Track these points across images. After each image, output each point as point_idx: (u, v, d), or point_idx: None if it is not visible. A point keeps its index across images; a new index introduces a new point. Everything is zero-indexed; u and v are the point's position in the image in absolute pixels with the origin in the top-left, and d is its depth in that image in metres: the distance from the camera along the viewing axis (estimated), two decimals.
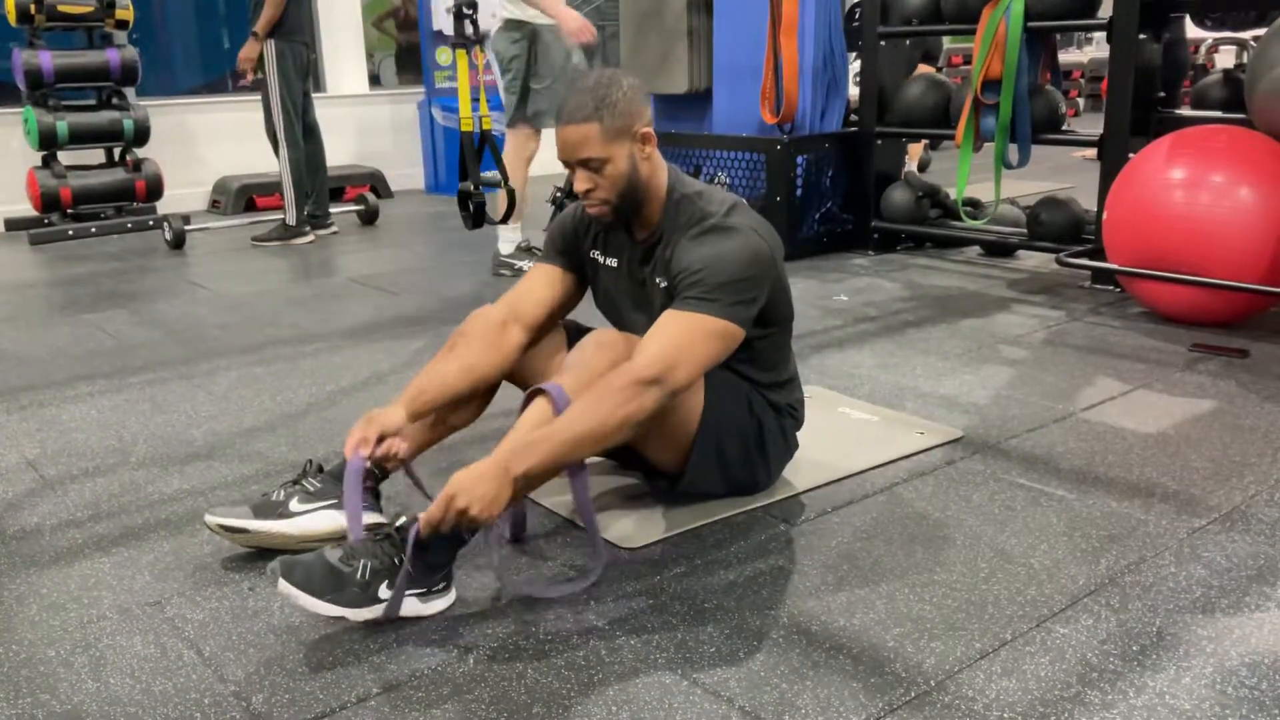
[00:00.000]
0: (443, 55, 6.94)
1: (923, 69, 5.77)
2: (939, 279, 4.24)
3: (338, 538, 1.90)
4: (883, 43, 4.69)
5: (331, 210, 5.73)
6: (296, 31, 5.16)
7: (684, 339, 1.84)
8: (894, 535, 2.01)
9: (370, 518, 1.92)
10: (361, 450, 1.89)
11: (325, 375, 3.12)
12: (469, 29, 3.61)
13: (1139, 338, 3.33)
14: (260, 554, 1.97)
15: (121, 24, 5.85)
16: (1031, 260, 4.54)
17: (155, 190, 5.98)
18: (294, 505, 1.96)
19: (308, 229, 5.45)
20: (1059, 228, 4.17)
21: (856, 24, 4.90)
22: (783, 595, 1.80)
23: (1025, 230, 4.38)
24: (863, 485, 2.25)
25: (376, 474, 2.01)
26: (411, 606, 1.73)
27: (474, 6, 3.59)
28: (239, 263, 4.99)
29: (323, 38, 7.33)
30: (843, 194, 4.83)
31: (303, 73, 5.27)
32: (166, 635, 1.72)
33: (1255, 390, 2.81)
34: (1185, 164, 3.34)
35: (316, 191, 5.56)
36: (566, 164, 1.95)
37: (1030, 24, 3.98)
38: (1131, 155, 3.64)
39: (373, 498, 1.99)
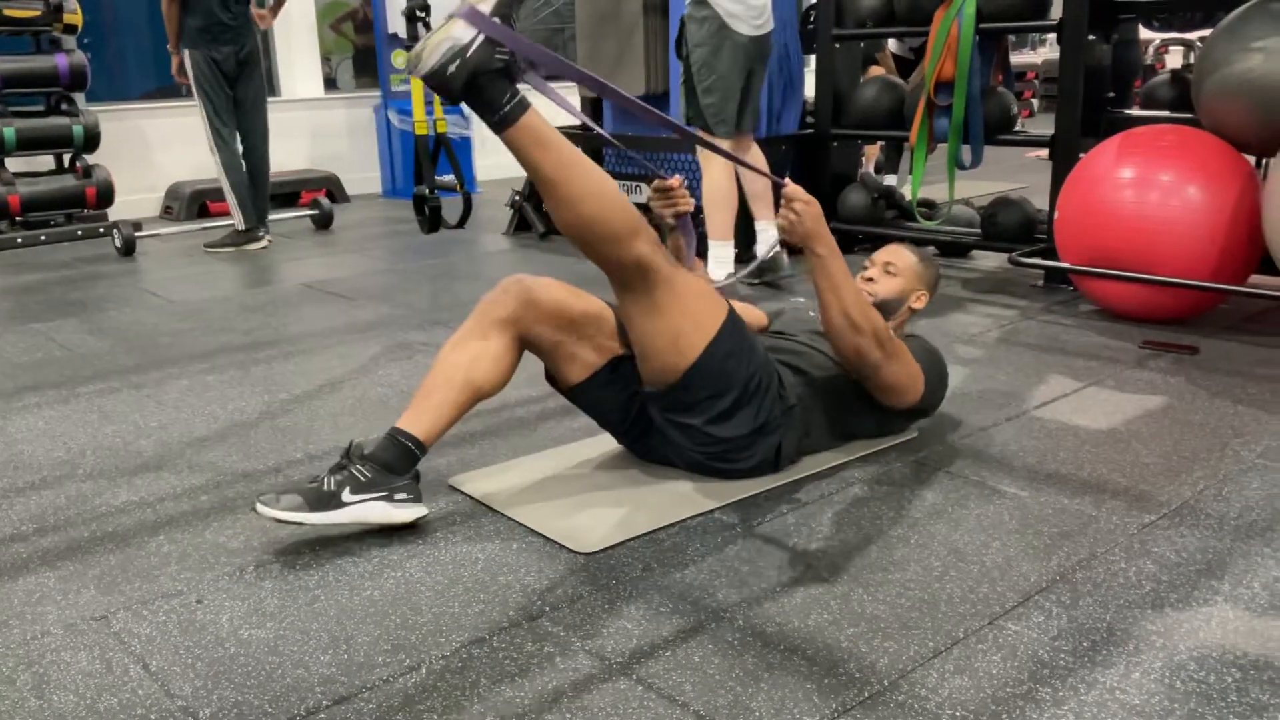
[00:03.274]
0: (399, 58, 6.89)
1: (876, 71, 5.81)
2: None
3: (387, 528, 2.05)
4: (838, 45, 4.71)
5: (284, 216, 5.67)
6: (204, 37, 5.08)
7: (909, 355, 2.35)
8: (849, 535, 2.02)
9: (413, 510, 2.05)
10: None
11: (278, 383, 3.08)
12: (422, 31, 3.58)
13: (1091, 335, 3.37)
14: (207, 565, 1.95)
15: (70, 28, 5.75)
16: (986, 260, 4.58)
17: (106, 197, 5.89)
18: (346, 495, 1.99)
19: (262, 233, 5.38)
20: (1012, 227, 4.21)
21: (811, 26, 4.92)
22: (738, 597, 1.79)
23: (979, 230, 4.42)
24: (818, 486, 2.25)
25: (416, 452, 2.06)
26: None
27: (427, 9, 3.56)
28: (191, 269, 4.92)
29: (276, 42, 7.25)
30: None
31: (227, 78, 5.20)
32: (113, 650, 1.68)
33: (1204, 386, 2.85)
34: (1134, 163, 3.39)
35: (259, 199, 5.52)
36: (874, 262, 2.57)
37: (982, 26, 4.02)
38: (1082, 155, 3.69)
39: (413, 480, 2.07)
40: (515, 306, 2.14)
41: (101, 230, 5.81)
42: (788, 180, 2.21)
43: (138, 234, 5.40)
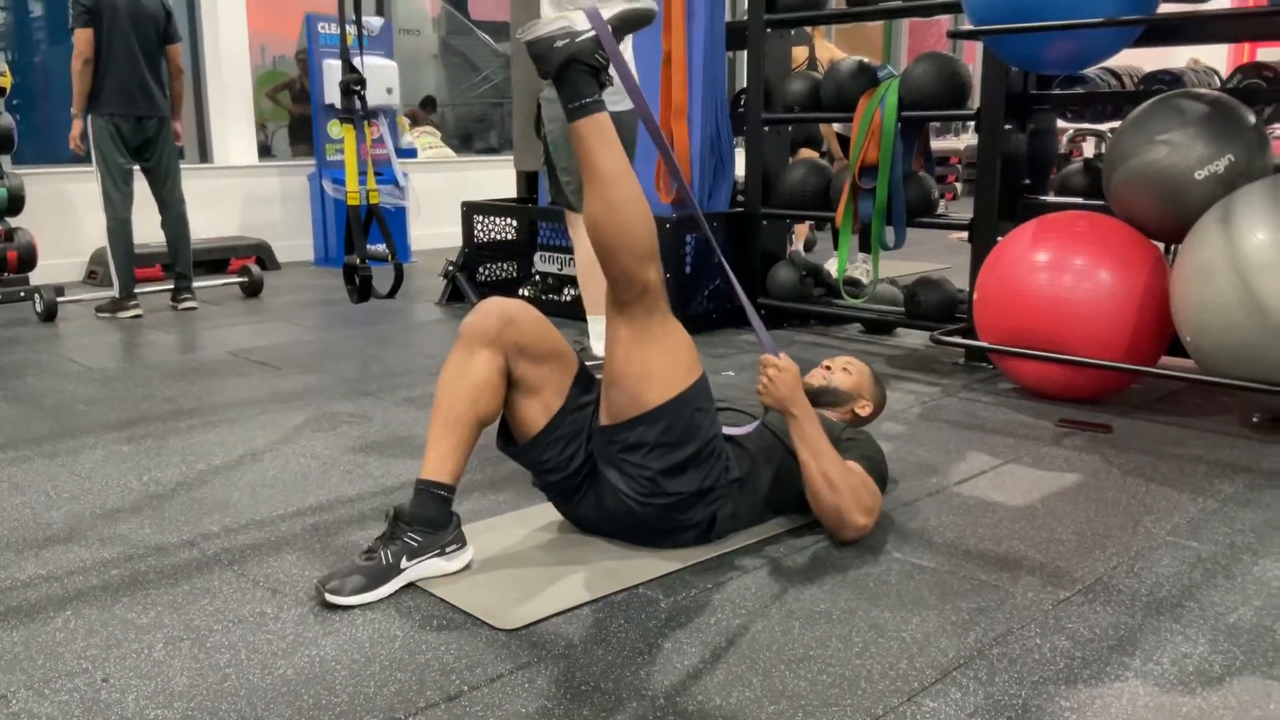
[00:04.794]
0: (334, 128, 6.91)
1: (806, 154, 5.97)
2: (820, 355, 4.31)
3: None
4: (766, 128, 4.84)
5: (212, 282, 5.60)
6: (110, 104, 5.10)
7: (878, 493, 2.40)
8: (771, 611, 2.02)
9: (463, 556, 2.18)
10: None
11: (196, 453, 3.02)
12: (357, 104, 3.61)
13: (1009, 413, 3.46)
14: (114, 642, 1.89)
15: None
16: (910, 338, 4.68)
17: (28, 260, 5.77)
18: (404, 564, 2.09)
19: (132, 303, 5.31)
20: (934, 307, 4.32)
21: (742, 109, 5.06)
22: (660, 675, 1.78)
23: (903, 309, 4.53)
24: (743, 561, 2.26)
25: (450, 497, 2.15)
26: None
27: (362, 83, 3.58)
28: (113, 336, 4.83)
29: (211, 109, 7.24)
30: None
31: (132, 147, 5.21)
32: None
33: (1117, 464, 2.93)
34: (1049, 247, 3.51)
35: (180, 264, 5.50)
36: (834, 360, 2.78)
37: (904, 113, 4.17)
38: (1000, 238, 3.81)
39: (456, 527, 2.18)
40: (497, 324, 2.18)
41: (22, 294, 5.68)
42: (781, 355, 2.35)
43: (60, 299, 5.30)
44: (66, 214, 6.54)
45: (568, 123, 2.16)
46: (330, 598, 2.02)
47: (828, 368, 2.75)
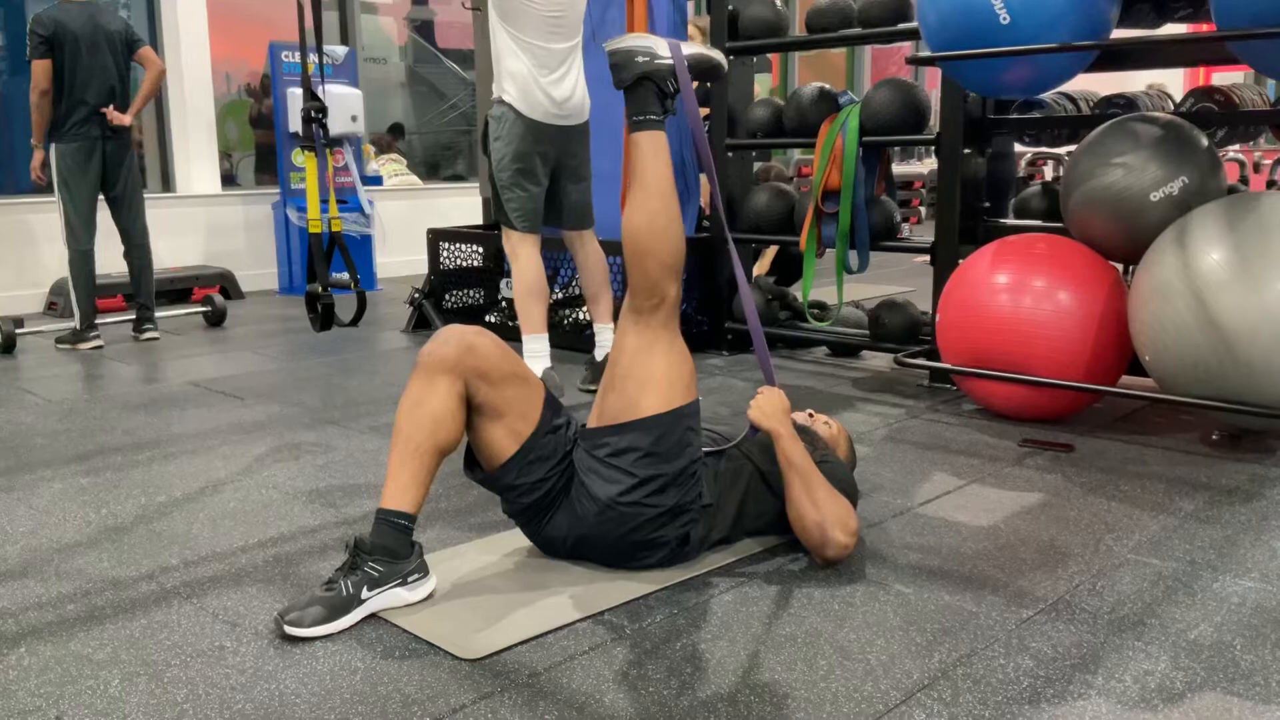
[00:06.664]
0: (298, 156, 6.88)
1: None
2: (789, 378, 4.36)
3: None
4: (730, 154, 4.88)
5: (175, 312, 5.54)
6: (74, 132, 5.08)
7: (854, 512, 2.39)
8: (738, 635, 2.02)
9: (426, 586, 2.16)
10: None
11: (156, 485, 2.98)
12: (318, 132, 3.61)
13: (973, 434, 3.48)
14: (69, 678, 1.85)
15: None
16: (875, 360, 4.71)
17: None
18: (364, 594, 2.07)
19: (93, 334, 5.26)
20: (898, 329, 4.36)
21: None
22: (625, 702, 1.77)
23: (868, 332, 4.56)
24: (708, 585, 2.26)
25: (411, 526, 2.13)
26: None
27: (324, 112, 3.59)
28: (73, 368, 4.76)
29: (174, 138, 7.20)
30: (697, 297, 4.95)
31: (93, 174, 5.17)
32: None
33: (1079, 483, 2.96)
34: (1009, 269, 3.55)
35: (142, 295, 5.45)
36: (817, 413, 2.79)
37: (865, 139, 4.21)
38: (961, 261, 3.85)
39: (418, 556, 2.16)
40: (456, 352, 2.16)
41: None
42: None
43: (19, 330, 5.23)
44: (27, 244, 6.48)
45: (629, 132, 2.32)
46: (290, 629, 1.99)
47: (811, 415, 2.79)
